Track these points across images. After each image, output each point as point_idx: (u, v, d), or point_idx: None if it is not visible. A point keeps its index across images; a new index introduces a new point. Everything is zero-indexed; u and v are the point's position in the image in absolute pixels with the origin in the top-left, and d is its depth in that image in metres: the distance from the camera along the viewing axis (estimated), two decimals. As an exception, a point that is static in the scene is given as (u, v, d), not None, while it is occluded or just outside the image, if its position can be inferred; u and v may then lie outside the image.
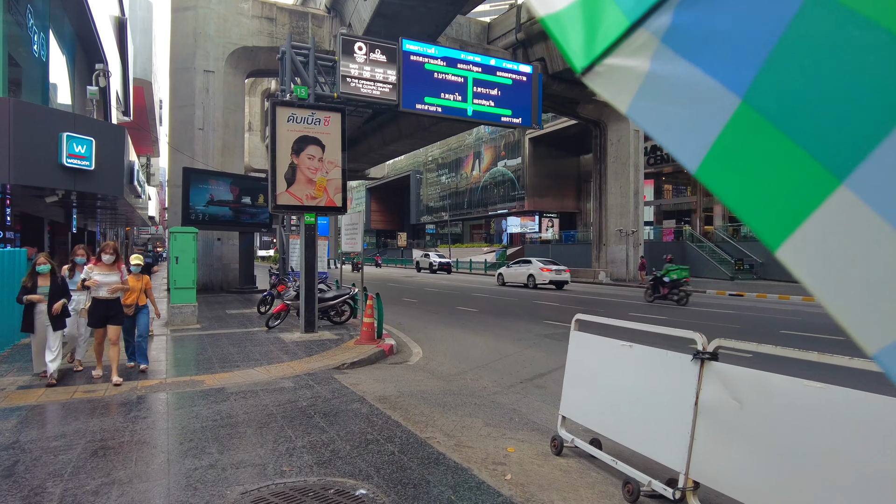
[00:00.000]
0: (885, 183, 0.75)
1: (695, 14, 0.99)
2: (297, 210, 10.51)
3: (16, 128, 9.19)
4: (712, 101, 0.95)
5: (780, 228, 0.87)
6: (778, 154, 0.86)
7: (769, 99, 0.88)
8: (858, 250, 0.79)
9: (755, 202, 0.91)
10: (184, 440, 4.65)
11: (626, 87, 1.11)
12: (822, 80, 0.82)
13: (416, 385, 6.83)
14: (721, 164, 0.95)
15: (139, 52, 25.40)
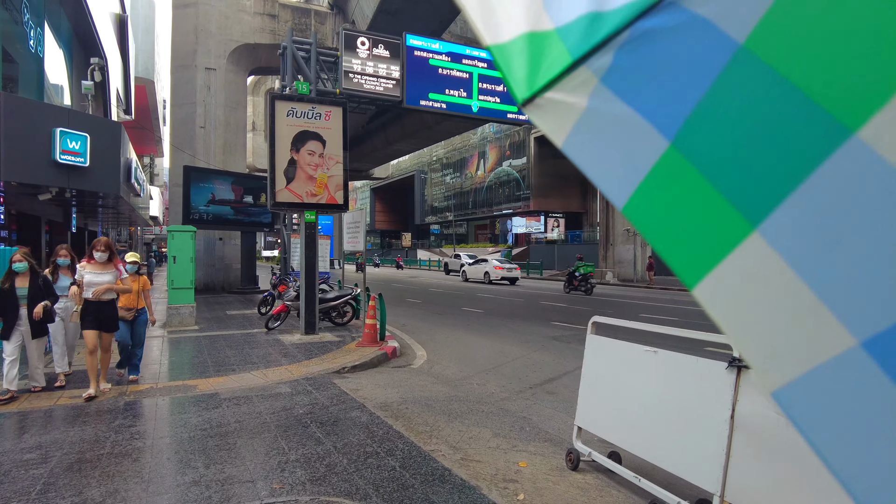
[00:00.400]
0: (793, 232, 0.80)
1: (634, 58, 1.04)
2: (297, 208, 10.17)
3: (7, 123, 8.88)
4: (643, 141, 0.99)
5: (696, 268, 0.92)
6: (698, 197, 0.92)
7: (694, 144, 0.93)
8: (765, 294, 0.84)
9: (675, 242, 0.96)
10: (168, 453, 4.30)
11: (564, 122, 1.15)
12: (743, 132, 0.87)
13: (419, 390, 6.47)
14: (646, 202, 1.00)
15: (141, 51, 25.14)
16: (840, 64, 0.78)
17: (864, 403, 0.75)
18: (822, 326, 0.78)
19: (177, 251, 11.19)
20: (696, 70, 0.94)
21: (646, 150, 1.00)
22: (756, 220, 0.85)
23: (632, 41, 1.05)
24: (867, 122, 0.74)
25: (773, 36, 0.85)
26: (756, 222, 0.84)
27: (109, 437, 4.64)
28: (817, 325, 0.78)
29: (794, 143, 0.81)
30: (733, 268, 0.87)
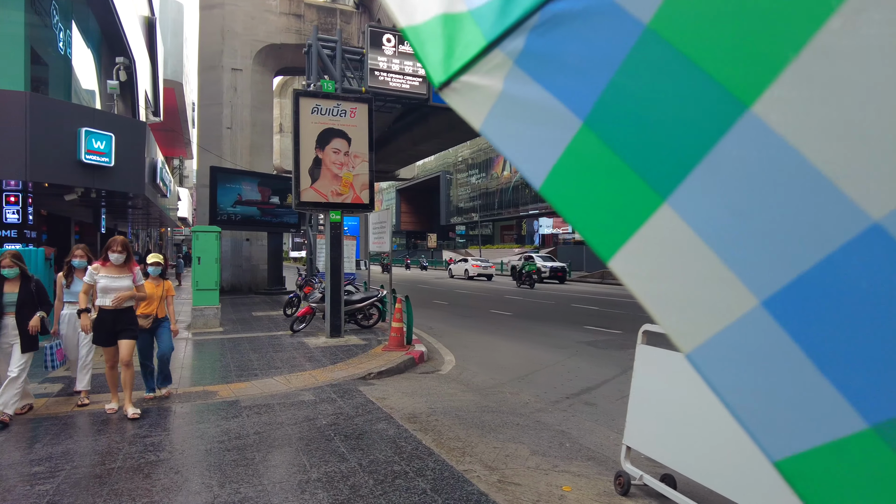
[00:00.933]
0: (699, 202, 0.86)
1: (546, 40, 1.07)
2: (322, 207, 9.90)
3: (33, 123, 8.83)
4: (557, 122, 1.04)
5: (611, 242, 0.97)
6: (611, 173, 0.96)
7: (606, 123, 0.98)
8: (676, 262, 0.89)
9: (590, 218, 1.02)
10: (183, 468, 4.01)
11: (481, 105, 1.18)
12: (651, 109, 0.92)
13: (449, 400, 6.10)
14: (562, 181, 1.05)
15: (170, 54, 25.33)
16: (735, 40, 0.82)
17: (766, 359, 0.80)
18: (727, 289, 0.83)
19: (201, 252, 11.04)
20: (605, 51, 0.97)
21: (560, 131, 1.03)
22: (665, 192, 0.89)
23: (543, 24, 1.07)
24: (760, 96, 0.78)
25: (675, 16, 0.88)
26: (665, 194, 0.89)
27: (122, 448, 4.38)
28: (724, 289, 0.83)
29: (697, 119, 0.85)
30: (646, 239, 0.92)
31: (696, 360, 0.85)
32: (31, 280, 5.22)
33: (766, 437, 0.80)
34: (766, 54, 0.78)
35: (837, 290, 0.74)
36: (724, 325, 0.83)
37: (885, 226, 0.70)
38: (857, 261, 0.72)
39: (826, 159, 0.74)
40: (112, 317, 5.26)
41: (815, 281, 0.75)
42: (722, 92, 0.82)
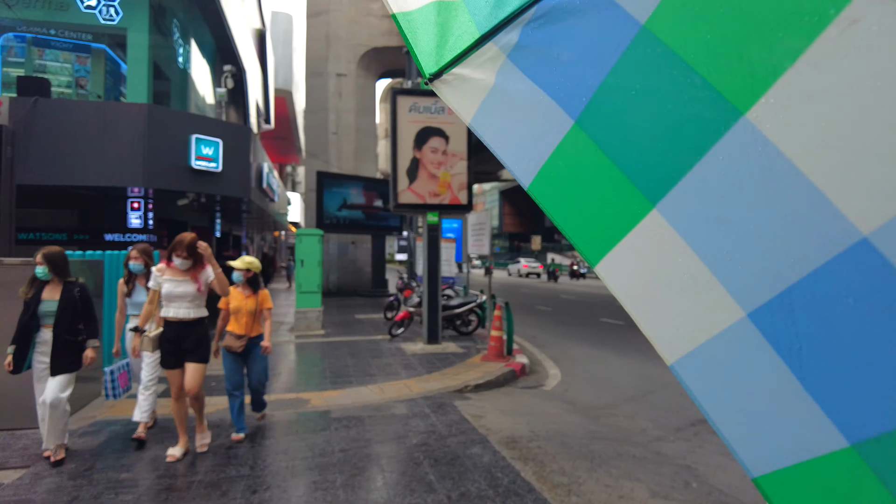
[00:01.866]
0: (689, 209, 0.84)
1: (540, 36, 1.05)
2: (419, 209, 9.59)
3: (150, 132, 9.31)
4: (549, 120, 1.02)
5: (599, 246, 0.96)
6: (601, 176, 0.94)
7: (598, 123, 0.96)
8: (663, 270, 0.88)
9: (578, 220, 1.00)
10: (258, 487, 3.73)
11: (472, 99, 1.16)
12: (644, 111, 0.90)
13: (552, 422, 5.44)
14: (551, 181, 1.03)
15: (280, 64, 26.69)
16: (732, 46, 0.80)
17: (751, 373, 0.78)
18: (714, 300, 0.82)
19: (305, 255, 11.18)
20: (600, 49, 0.95)
21: (551, 129, 1.02)
22: (655, 198, 0.88)
23: (538, 18, 1.06)
24: (755, 103, 0.77)
25: (673, 17, 0.86)
26: (655, 200, 0.88)
27: (206, 460, 4.21)
28: (710, 299, 0.82)
29: (691, 124, 0.84)
30: (634, 245, 0.91)
31: (680, 371, 0.86)
32: (74, 285, 4.27)
33: (746, 452, 0.79)
34: (764, 61, 0.77)
35: (824, 306, 0.72)
36: (709, 336, 0.83)
37: (873, 241, 0.68)
38: (845, 276, 0.71)
39: (819, 170, 0.73)
40: (176, 332, 4.23)
41: (802, 295, 0.74)
42: (717, 97, 0.81)
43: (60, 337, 4.10)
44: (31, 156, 8.47)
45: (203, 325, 4.37)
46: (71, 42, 11.68)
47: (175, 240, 4.23)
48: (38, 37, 11.43)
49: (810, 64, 0.72)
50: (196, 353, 4.27)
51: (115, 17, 11.38)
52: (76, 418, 5.15)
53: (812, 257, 0.73)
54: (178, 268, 4.23)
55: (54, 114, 8.88)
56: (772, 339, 0.76)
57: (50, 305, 4.13)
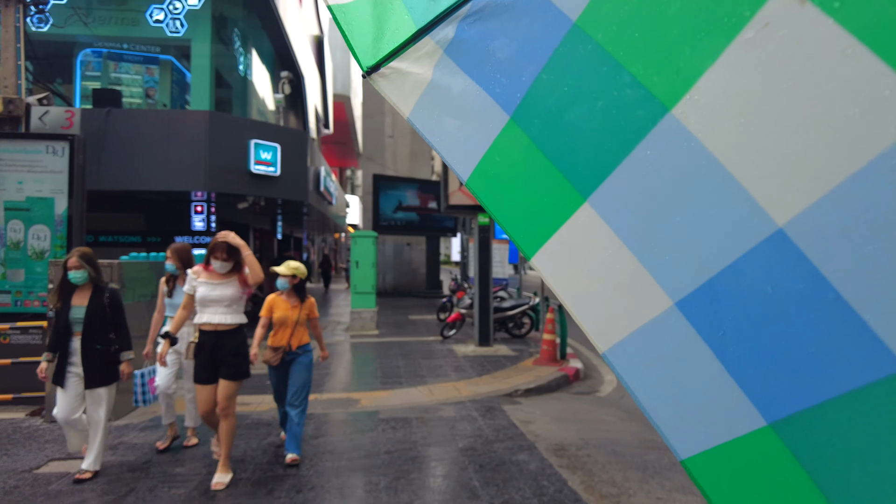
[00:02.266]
0: (619, 203, 0.87)
1: (476, 31, 1.07)
2: (470, 210, 9.53)
3: (212, 138, 9.68)
4: (485, 115, 1.04)
5: (534, 239, 0.98)
6: (535, 170, 0.97)
7: (532, 119, 0.98)
8: (595, 261, 0.90)
9: (514, 213, 1.02)
10: (303, 487, 3.76)
11: (410, 93, 1.16)
12: (576, 107, 0.92)
13: (604, 429, 5.23)
14: (488, 175, 1.05)
15: (339, 69, 27.22)
16: (659, 44, 0.82)
17: (678, 358, 0.81)
18: (644, 290, 0.84)
19: (359, 256, 11.35)
20: (533, 46, 0.97)
21: (488, 124, 1.03)
22: (586, 191, 0.91)
23: (473, 14, 1.07)
24: (680, 100, 0.80)
25: (602, 15, 0.89)
26: (586, 194, 0.91)
27: (255, 458, 4.29)
28: (640, 289, 0.84)
29: (621, 119, 0.86)
30: (567, 237, 0.94)
31: (612, 359, 0.88)
32: (104, 290, 3.96)
33: (674, 436, 0.81)
34: (688, 59, 0.79)
35: (744, 294, 0.75)
36: (639, 325, 0.85)
37: (788, 232, 0.71)
38: (762, 265, 0.74)
39: (738, 164, 0.75)
40: (211, 341, 3.77)
41: (724, 283, 0.77)
42: (645, 93, 0.83)
43: (90, 346, 3.79)
44: (104, 163, 8.98)
45: (241, 335, 3.90)
46: (141, 55, 12.34)
47: (212, 242, 3.79)
48: (113, 51, 12.13)
49: (729, 63, 0.76)
50: (231, 366, 3.76)
51: (181, 30, 11.93)
52: (137, 413, 5.39)
53: (733, 248, 0.76)
54: (216, 271, 3.81)
55: (125, 123, 9.38)
56: (697, 326, 0.79)
57: (79, 312, 3.83)
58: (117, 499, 3.56)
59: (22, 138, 5.91)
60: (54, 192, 5.69)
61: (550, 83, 0.95)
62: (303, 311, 4.26)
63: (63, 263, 3.87)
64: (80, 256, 3.84)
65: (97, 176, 8.76)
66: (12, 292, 5.51)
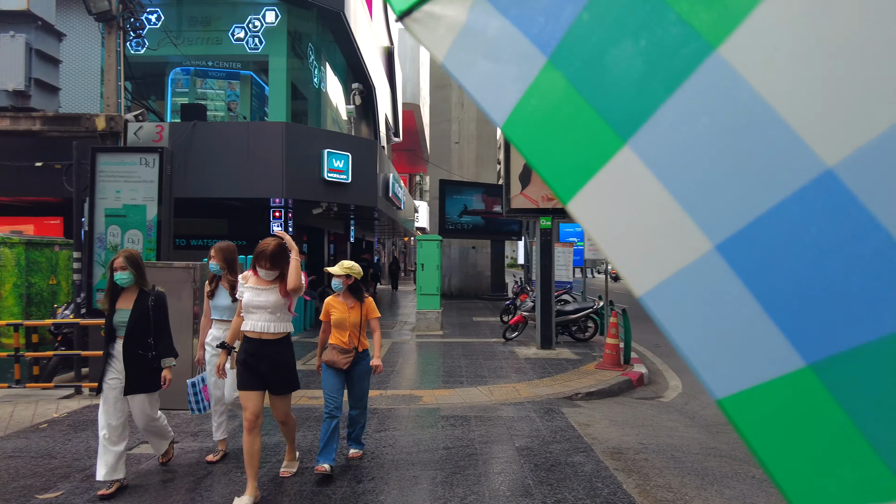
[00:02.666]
0: (660, 145, 0.86)
1: None
2: (532, 214, 9.57)
3: (288, 148, 10.25)
4: (522, 58, 1.01)
5: (571, 183, 0.96)
6: (573, 113, 0.95)
7: (571, 60, 0.96)
8: (634, 205, 0.90)
9: (551, 158, 1.00)
10: (363, 477, 3.98)
11: (443, 37, 1.13)
12: (617, 48, 0.90)
13: (666, 434, 5.16)
14: (525, 120, 1.02)
15: (408, 79, 27.85)
16: None
17: (717, 301, 0.82)
18: (683, 233, 0.84)
19: (424, 259, 11.65)
20: None
21: (524, 67, 1.01)
22: (626, 134, 0.89)
23: None
24: (727, 38, 0.78)
25: None
26: (626, 136, 0.89)
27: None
28: (680, 232, 0.85)
29: (664, 59, 0.85)
30: (606, 181, 0.92)
31: (649, 302, 0.87)
32: (149, 293, 3.81)
33: (711, 376, 0.82)
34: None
35: (789, 235, 0.75)
36: (678, 268, 0.85)
37: (837, 172, 0.70)
38: (809, 206, 0.73)
39: (786, 104, 0.74)
40: (255, 348, 3.58)
41: (768, 225, 0.77)
42: (690, 32, 0.82)
43: (131, 351, 3.66)
44: (190, 172, 9.73)
45: (287, 344, 3.72)
46: (224, 71, 13.23)
47: (257, 248, 3.60)
48: (199, 69, 13.08)
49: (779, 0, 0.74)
50: (281, 382, 3.66)
51: (259, 46, 12.69)
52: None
53: (778, 189, 0.75)
54: (261, 278, 3.63)
55: (209, 135, 10.12)
56: (738, 269, 0.79)
57: (122, 316, 3.71)
58: (196, 480, 3.92)
59: (120, 151, 6.56)
60: (146, 199, 6.29)
61: (591, 23, 0.93)
62: (362, 313, 4.14)
63: (109, 265, 3.78)
64: (126, 258, 3.72)
65: (184, 184, 9.51)
66: (112, 291, 6.14)
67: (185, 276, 5.65)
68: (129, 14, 9.01)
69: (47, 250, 7.36)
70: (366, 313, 4.19)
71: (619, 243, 0.92)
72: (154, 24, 12.17)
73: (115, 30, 8.76)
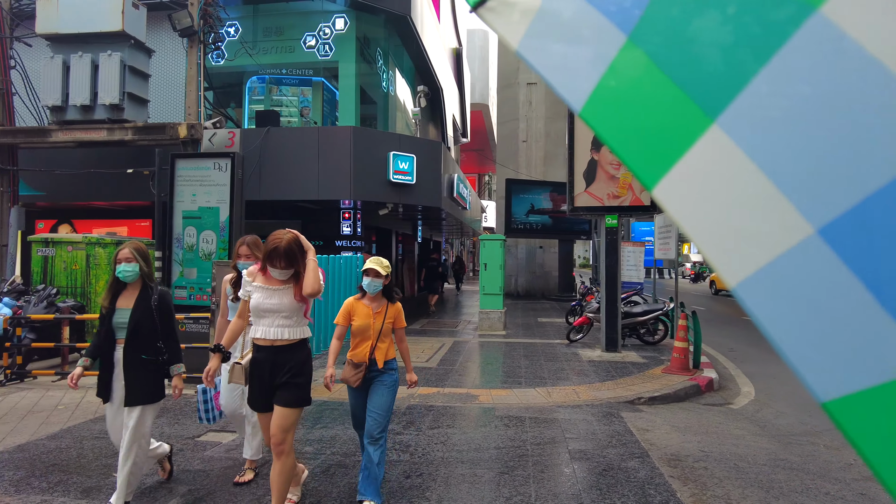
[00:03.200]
0: (752, 121, 0.80)
1: None
2: (597, 212, 9.34)
3: (355, 151, 10.57)
4: (600, 38, 0.97)
5: (656, 167, 0.90)
6: (656, 92, 0.90)
7: (653, 37, 0.91)
8: (725, 188, 0.83)
9: (633, 142, 0.94)
10: (411, 472, 4.05)
11: (518, 24, 1.11)
12: (702, 17, 0.86)
13: (731, 443, 4.90)
14: (604, 103, 0.97)
15: (477, 79, 27.96)
16: None
17: (821, 292, 0.74)
18: (781, 217, 0.78)
19: (487, 259, 11.66)
20: None
21: (603, 47, 0.97)
22: (714, 111, 0.84)
23: None
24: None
25: None
26: (715, 114, 0.84)
27: (375, 442, 4.69)
28: (777, 216, 0.78)
29: (756, 26, 0.79)
30: (693, 163, 0.86)
31: (743, 293, 0.81)
32: (152, 290, 3.35)
33: (815, 377, 0.75)
34: None
35: None
36: (775, 255, 0.78)
37: None
38: None
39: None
40: (268, 359, 3.10)
41: (880, 205, 0.69)
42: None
43: (133, 356, 3.23)
44: (265, 176, 10.24)
45: (304, 351, 3.21)
46: (297, 78, 13.80)
47: (269, 243, 3.07)
48: (273, 76, 13.72)
49: None
50: (289, 389, 3.06)
51: (329, 53, 13.14)
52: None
53: (891, 166, 0.67)
54: (273, 278, 3.14)
55: (281, 140, 10.60)
56: (844, 255, 0.72)
57: (122, 316, 3.25)
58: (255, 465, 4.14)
59: (196, 157, 7.02)
60: (219, 202, 6.70)
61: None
62: (387, 319, 3.52)
63: (113, 257, 3.35)
64: (134, 249, 3.28)
65: (259, 188, 10.03)
66: (187, 287, 6.58)
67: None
68: (210, 28, 9.61)
69: (135, 250, 8.02)
70: (392, 320, 3.56)
71: (709, 230, 0.86)
72: (232, 36, 12.88)
73: (196, 44, 9.37)
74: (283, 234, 3.08)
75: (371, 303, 3.55)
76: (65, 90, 9.02)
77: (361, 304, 3.54)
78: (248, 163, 9.48)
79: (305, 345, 3.23)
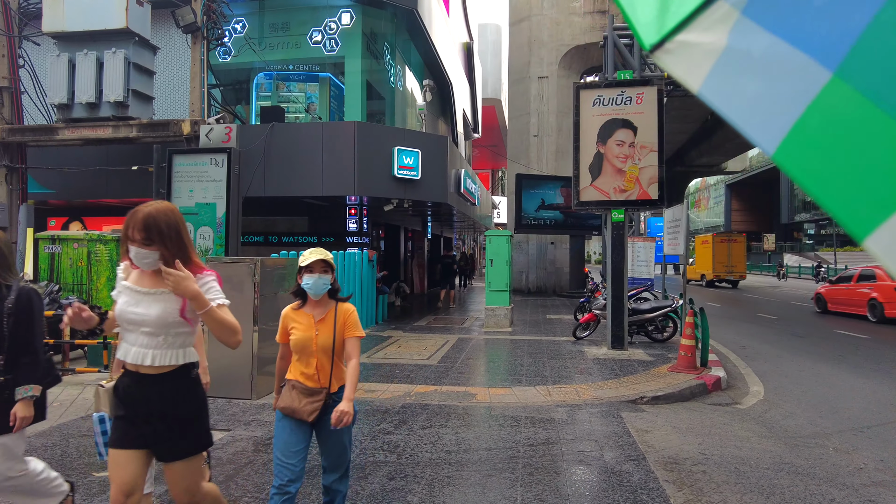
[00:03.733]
0: None
1: None
2: (603, 206, 9.14)
3: (360, 146, 10.48)
4: (798, 75, 0.91)
5: (870, 215, 0.82)
6: (871, 132, 0.82)
7: (866, 71, 0.83)
8: None
9: (841, 186, 0.87)
10: (395, 474, 3.94)
11: (700, 65, 1.07)
12: None
13: (734, 445, 4.71)
14: (804, 144, 0.91)
15: (489, 74, 27.73)
16: None
17: None
18: None
19: (493, 254, 11.49)
20: None
21: (801, 85, 0.89)
22: None
23: None
24: None
25: None
26: None
27: (364, 442, 4.59)
28: None
29: None
30: None
31: None
32: (7, 292, 2.61)
33: None
34: None
35: None
36: None
37: None
38: None
39: None
40: (137, 392, 2.22)
41: None
42: None
43: None
44: (269, 172, 10.20)
45: (188, 381, 2.29)
46: (303, 74, 13.76)
47: (128, 214, 2.20)
48: (280, 73, 13.69)
49: None
50: (178, 440, 2.25)
51: (336, 48, 13.09)
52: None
53: None
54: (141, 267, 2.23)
55: (286, 136, 10.55)
56: None
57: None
58: (237, 468, 4.06)
59: (193, 153, 6.99)
60: (216, 197, 6.66)
61: (891, 24, 0.79)
62: (335, 330, 2.68)
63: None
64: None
65: (263, 184, 9.99)
66: (182, 284, 6.56)
67: (247, 272, 5.90)
68: (213, 24, 9.57)
69: (137, 246, 8.02)
70: (342, 329, 2.69)
71: None
72: (239, 32, 12.87)
73: (199, 40, 9.34)
74: (141, 209, 2.20)
75: (313, 309, 2.72)
76: (71, 88, 9.06)
77: (301, 313, 2.73)
78: (253, 159, 9.44)
79: (188, 372, 2.28)
